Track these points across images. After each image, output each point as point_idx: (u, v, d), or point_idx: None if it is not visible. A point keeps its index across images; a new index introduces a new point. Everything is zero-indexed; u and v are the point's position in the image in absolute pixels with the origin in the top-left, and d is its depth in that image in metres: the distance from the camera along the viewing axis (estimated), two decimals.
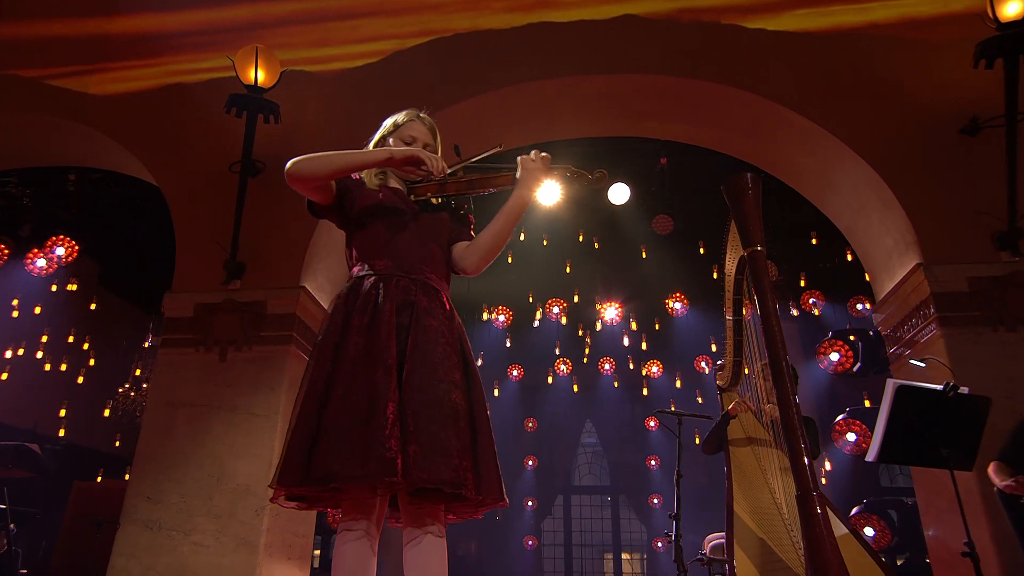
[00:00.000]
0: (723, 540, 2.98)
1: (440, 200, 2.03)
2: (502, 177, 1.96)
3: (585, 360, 8.24)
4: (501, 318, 7.57)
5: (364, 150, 1.97)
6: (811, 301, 7.14)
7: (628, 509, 11.82)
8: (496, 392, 9.60)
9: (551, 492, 11.96)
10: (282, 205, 4.71)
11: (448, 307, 1.92)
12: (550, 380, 8.78)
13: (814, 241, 6.00)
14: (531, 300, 7.11)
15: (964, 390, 2.56)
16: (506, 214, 1.95)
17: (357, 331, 1.77)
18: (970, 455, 2.61)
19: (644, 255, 6.11)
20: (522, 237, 6.22)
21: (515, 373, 9.77)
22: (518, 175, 1.94)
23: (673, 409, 3.44)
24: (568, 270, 6.31)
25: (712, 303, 7.62)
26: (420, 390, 1.70)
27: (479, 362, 8.71)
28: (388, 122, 2.15)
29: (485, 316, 7.24)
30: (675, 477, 2.90)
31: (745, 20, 4.95)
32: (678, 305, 7.35)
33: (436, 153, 2.11)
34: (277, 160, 4.76)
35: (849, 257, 5.99)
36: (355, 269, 1.95)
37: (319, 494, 1.73)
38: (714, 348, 7.89)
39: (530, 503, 11.62)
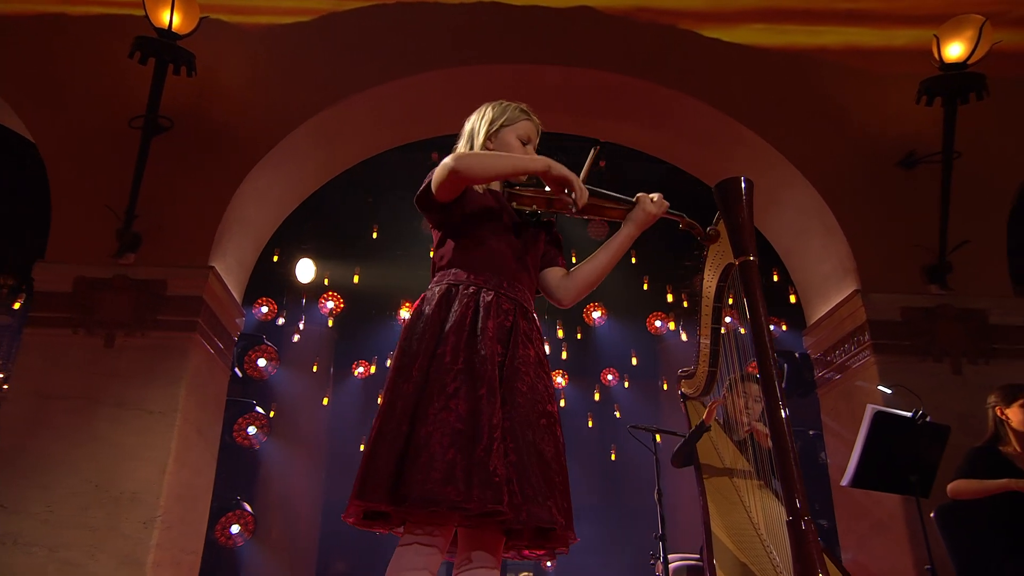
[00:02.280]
0: (687, 563, 3.07)
1: (539, 214, 1.98)
2: (616, 210, 1.93)
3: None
4: (406, 315, 7.37)
5: (523, 156, 1.89)
6: (727, 320, 7.54)
7: None
8: (380, 399, 9.39)
9: None
10: (192, 171, 4.36)
11: (541, 331, 1.91)
12: None
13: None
14: None
15: (928, 418, 2.79)
16: (614, 251, 1.95)
17: (454, 348, 1.72)
18: (929, 482, 2.84)
19: (575, 260, 6.15)
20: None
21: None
22: (633, 212, 1.93)
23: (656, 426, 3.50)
24: None
25: (638, 315, 7.92)
26: (522, 419, 1.68)
27: (387, 363, 8.53)
28: (499, 110, 2.04)
29: (404, 312, 7.06)
30: (656, 495, 2.95)
31: (702, 27, 5.16)
32: (596, 315, 7.53)
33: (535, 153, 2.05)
34: (188, 117, 4.42)
35: (776, 278, 6.40)
36: (450, 275, 1.86)
37: (399, 514, 1.67)
38: (635, 361, 8.15)
39: None
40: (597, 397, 8.42)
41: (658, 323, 7.59)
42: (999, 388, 3.41)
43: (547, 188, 1.85)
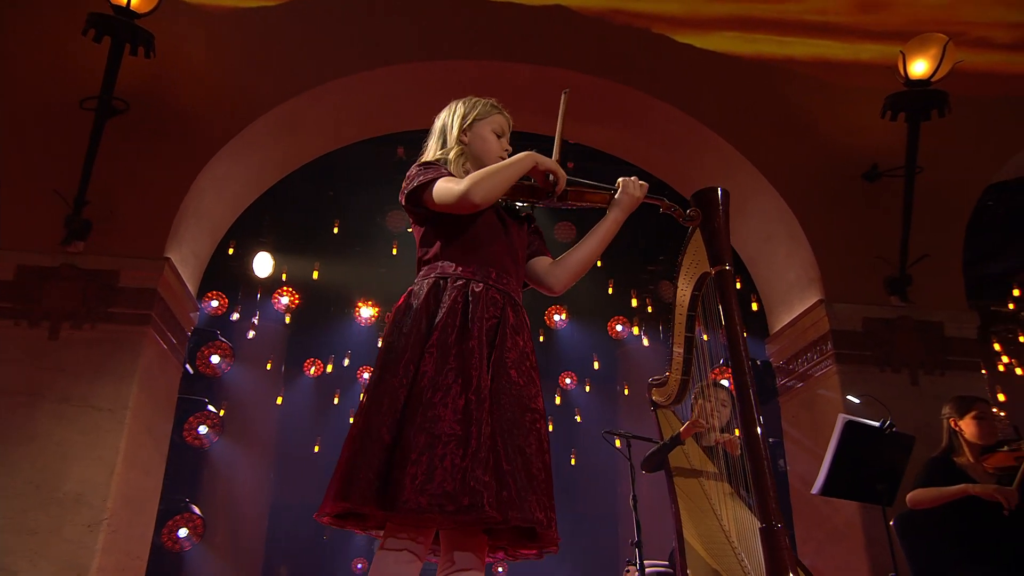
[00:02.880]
0: (658, 570, 3.10)
1: (524, 206, 2.02)
2: (599, 195, 1.97)
3: None
4: (366, 312, 7.30)
5: (513, 160, 1.88)
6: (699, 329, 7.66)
7: None
8: (336, 399, 9.25)
9: None
10: (148, 157, 4.23)
11: (529, 324, 1.91)
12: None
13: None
14: None
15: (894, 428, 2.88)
16: (602, 236, 1.98)
17: (443, 344, 1.71)
18: (894, 490, 2.94)
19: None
20: (410, 229, 6.07)
21: (366, 376, 9.49)
22: (617, 196, 1.97)
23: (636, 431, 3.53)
24: None
25: (601, 318, 7.97)
26: (510, 418, 1.68)
27: (345, 362, 8.40)
28: (470, 104, 2.07)
29: (368, 311, 6.96)
30: (631, 501, 2.98)
31: (675, 32, 5.23)
32: (557, 317, 7.56)
33: (509, 147, 2.08)
34: (144, 101, 4.28)
35: (739, 285, 6.52)
36: (438, 267, 1.86)
37: (380, 517, 1.66)
38: (597, 366, 8.21)
39: None
40: (558, 401, 8.46)
41: (619, 327, 7.66)
42: (952, 400, 3.53)
43: (554, 193, 1.89)
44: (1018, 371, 7.31)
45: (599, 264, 6.66)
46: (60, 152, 4.11)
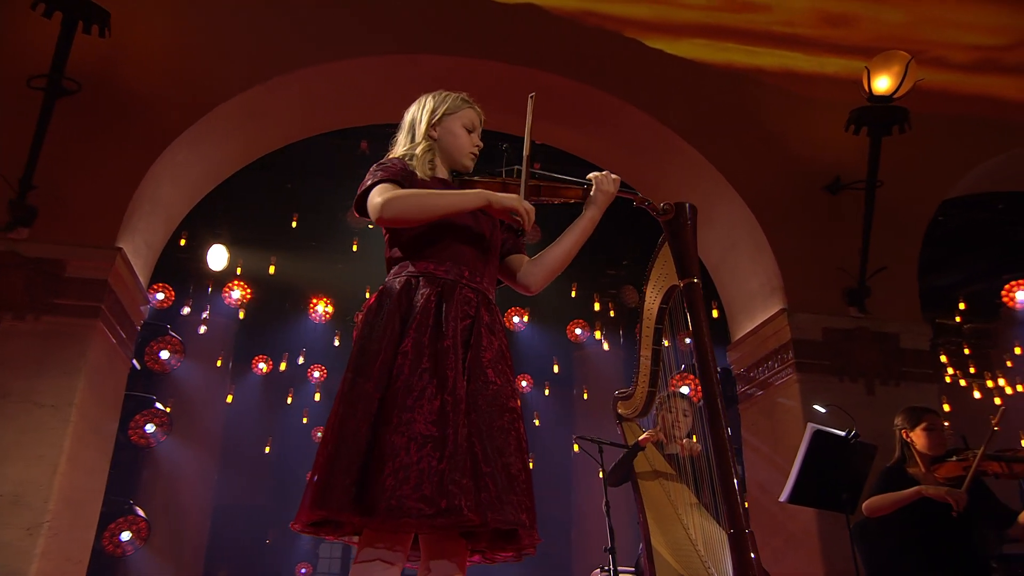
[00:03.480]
0: None
1: None
2: (572, 190, 1.98)
3: None
4: (321, 309, 7.18)
5: (460, 193, 1.86)
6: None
7: None
8: (290, 398, 9.10)
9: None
10: (102, 141, 4.08)
11: (503, 322, 1.90)
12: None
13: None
14: (367, 295, 6.87)
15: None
16: (578, 232, 1.99)
17: (417, 344, 1.70)
18: (855, 499, 3.03)
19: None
20: (371, 226, 6.01)
21: (316, 375, 9.36)
22: (592, 193, 1.97)
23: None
24: None
25: (561, 321, 8.01)
26: (487, 422, 1.69)
27: (299, 360, 8.25)
28: (440, 99, 2.05)
29: (322, 307, 6.83)
30: (604, 507, 3.00)
31: (647, 37, 5.29)
32: (517, 319, 7.58)
33: (480, 142, 2.07)
34: (98, 82, 4.14)
35: None
36: (409, 266, 1.85)
37: (357, 523, 1.64)
38: (557, 369, 8.24)
39: None
40: (518, 403, 8.48)
41: (579, 331, 7.72)
42: (904, 411, 3.64)
43: (523, 232, 1.87)
44: (962, 382, 7.62)
45: None
46: (4, 132, 3.94)
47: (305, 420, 8.51)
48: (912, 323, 4.86)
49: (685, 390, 6.09)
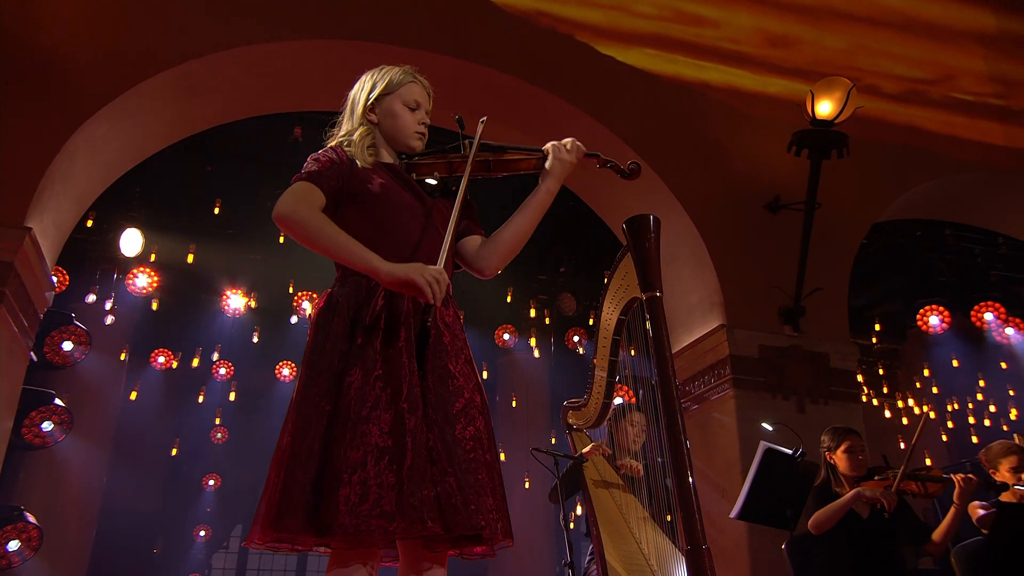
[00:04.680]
0: None
1: (444, 180, 1.90)
2: (527, 162, 1.90)
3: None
4: (235, 302, 6.92)
5: (356, 250, 1.69)
6: (575, 339, 7.93)
7: None
8: (202, 396, 8.76)
9: (230, 520, 11.21)
10: (12, 110, 3.83)
11: (460, 315, 1.83)
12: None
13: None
14: (291, 290, 6.68)
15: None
16: (533, 208, 1.90)
17: (369, 351, 1.64)
18: (797, 516, 3.21)
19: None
20: None
21: (222, 372, 9.03)
22: (548, 164, 1.90)
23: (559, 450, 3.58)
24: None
25: (491, 326, 8.02)
26: (448, 421, 1.64)
27: (214, 356, 7.92)
28: (379, 76, 1.95)
29: (238, 301, 6.58)
30: (561, 521, 3.05)
31: (599, 43, 5.41)
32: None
33: (428, 119, 1.96)
34: (10, 44, 3.89)
35: None
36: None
37: (313, 544, 1.59)
38: (485, 375, 8.25)
39: (202, 532, 10.73)
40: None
41: (507, 336, 7.77)
42: (828, 431, 3.81)
43: (431, 305, 1.67)
44: (875, 402, 8.14)
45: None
46: None
47: (218, 420, 8.20)
48: (841, 343, 5.17)
49: (618, 400, 6.23)
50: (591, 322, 7.12)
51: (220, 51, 4.39)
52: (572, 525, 3.02)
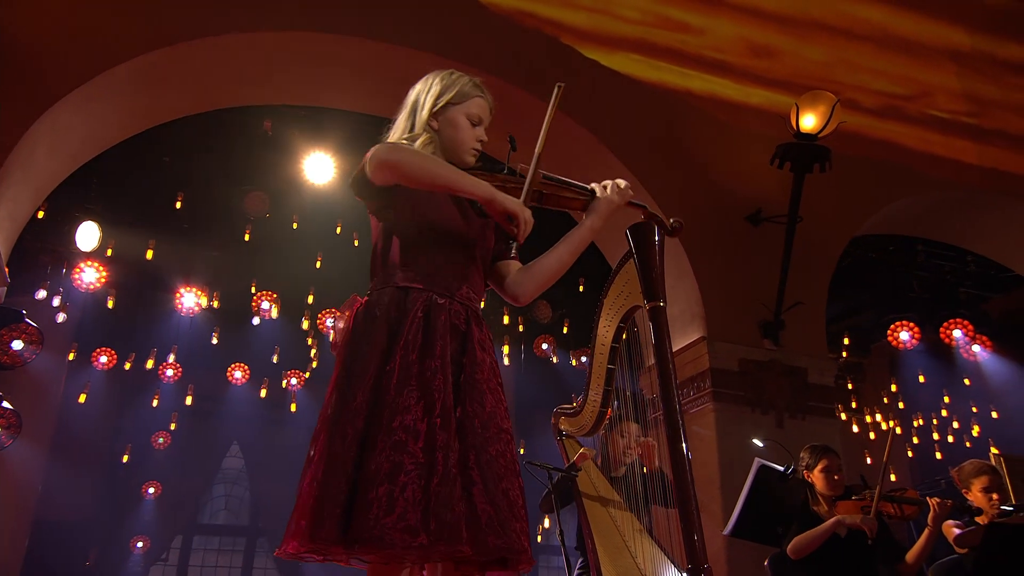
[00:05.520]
0: None
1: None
2: (577, 200, 1.98)
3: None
4: (189, 301, 6.78)
5: (468, 177, 1.79)
6: (544, 347, 8.00)
7: (267, 558, 11.42)
8: (156, 400, 8.57)
9: (170, 531, 10.96)
10: None
11: (491, 336, 1.89)
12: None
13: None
14: (253, 290, 6.57)
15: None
16: (575, 242, 1.99)
17: (404, 364, 1.68)
18: (786, 533, 3.31)
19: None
20: (295, 225, 5.82)
21: (169, 373, 8.84)
22: (596, 202, 1.99)
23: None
24: (319, 264, 6.03)
25: None
26: (482, 441, 1.70)
27: (171, 357, 7.74)
28: (448, 82, 2.01)
29: (191, 300, 6.45)
30: (559, 537, 3.08)
31: (583, 46, 5.48)
32: None
33: (486, 136, 2.05)
34: None
35: None
36: (397, 276, 1.83)
37: (345, 557, 1.62)
38: None
39: (140, 544, 10.46)
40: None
41: None
42: (806, 450, 3.89)
43: (515, 242, 1.87)
44: (843, 416, 8.37)
45: None
46: None
47: (173, 426, 8.03)
48: (819, 358, 5.32)
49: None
50: (564, 331, 7.20)
51: (193, 39, 4.33)
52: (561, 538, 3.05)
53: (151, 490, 10.37)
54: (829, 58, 6.42)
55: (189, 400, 7.81)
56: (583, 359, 8.07)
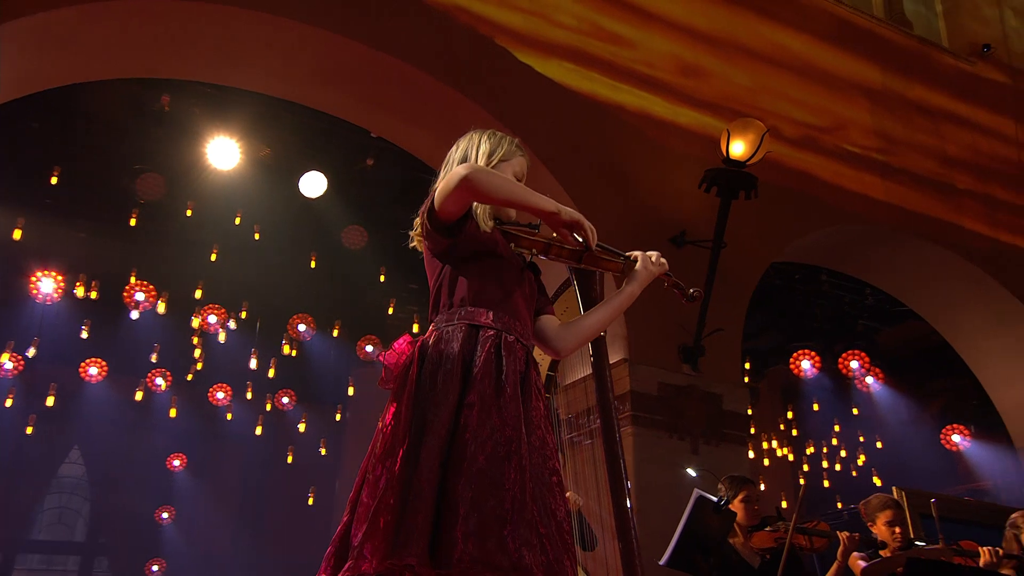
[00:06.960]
0: None
1: (534, 260, 2.16)
2: (614, 263, 2.17)
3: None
4: (47, 286, 6.33)
5: (534, 193, 1.99)
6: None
7: None
8: (10, 399, 7.95)
9: None
10: None
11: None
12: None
13: None
14: (133, 280, 6.17)
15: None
16: (616, 306, 2.19)
17: (482, 398, 1.82)
18: (709, 563, 3.48)
19: (313, 264, 6.01)
20: (188, 212, 5.55)
21: (8, 366, 8.24)
22: (636, 269, 2.19)
23: None
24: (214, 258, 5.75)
25: (352, 337, 7.87)
26: (539, 478, 1.83)
27: (30, 352, 7.16)
28: (495, 142, 2.19)
29: (49, 285, 6.01)
30: None
31: (518, 49, 5.56)
32: (303, 327, 7.37)
33: None
34: None
35: None
36: (467, 313, 1.96)
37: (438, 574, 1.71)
38: (352, 391, 8.11)
39: None
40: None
41: (369, 348, 7.70)
42: (725, 480, 4.11)
43: (588, 249, 2.03)
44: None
45: (382, 279, 6.71)
46: None
47: (30, 430, 7.46)
48: (735, 385, 5.61)
49: None
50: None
51: (100, 1, 4.12)
52: None
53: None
54: (754, 84, 6.78)
55: (51, 401, 7.30)
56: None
